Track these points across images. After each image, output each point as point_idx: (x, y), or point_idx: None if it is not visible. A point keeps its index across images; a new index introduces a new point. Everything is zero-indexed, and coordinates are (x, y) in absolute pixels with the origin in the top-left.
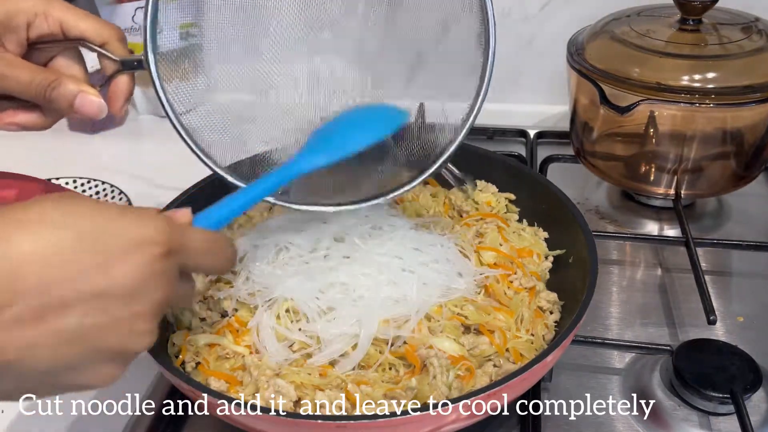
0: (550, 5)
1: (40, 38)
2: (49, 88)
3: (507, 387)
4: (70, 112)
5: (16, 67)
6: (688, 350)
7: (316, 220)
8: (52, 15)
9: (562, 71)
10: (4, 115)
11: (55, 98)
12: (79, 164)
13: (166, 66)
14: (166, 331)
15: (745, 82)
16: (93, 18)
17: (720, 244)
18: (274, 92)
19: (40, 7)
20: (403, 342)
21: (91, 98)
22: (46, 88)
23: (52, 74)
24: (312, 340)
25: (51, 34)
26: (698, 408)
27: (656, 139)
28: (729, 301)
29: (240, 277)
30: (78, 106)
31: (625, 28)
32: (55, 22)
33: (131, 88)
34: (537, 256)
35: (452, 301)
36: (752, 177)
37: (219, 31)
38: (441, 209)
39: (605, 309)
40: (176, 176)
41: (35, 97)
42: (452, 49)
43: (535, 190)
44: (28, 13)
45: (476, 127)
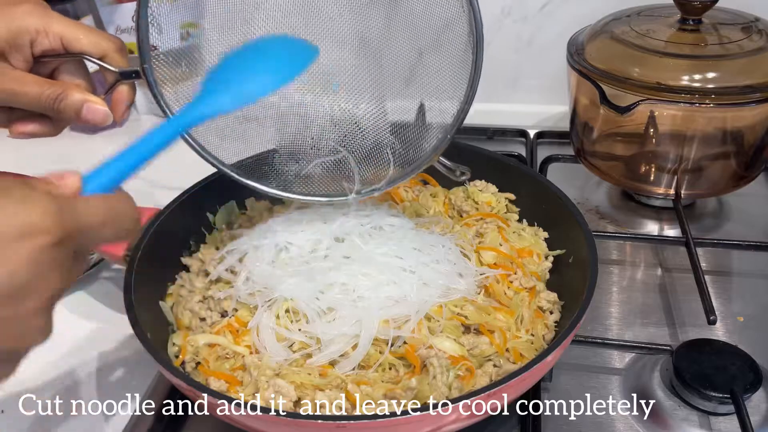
0: (550, 5)
1: (43, 53)
2: (57, 101)
3: (507, 387)
4: (78, 120)
5: (25, 84)
6: (688, 350)
7: (316, 220)
8: (52, 31)
9: (562, 71)
10: (16, 125)
11: (63, 109)
12: (79, 164)
13: (166, 69)
14: (166, 331)
15: (745, 82)
16: (92, 32)
17: (720, 244)
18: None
19: (41, 24)
20: (403, 342)
21: (96, 107)
22: (54, 101)
23: (59, 87)
24: (312, 341)
25: (53, 49)
26: (698, 408)
27: (656, 139)
28: (729, 301)
29: (240, 277)
30: (84, 116)
31: (625, 28)
32: (55, 37)
33: (132, 96)
34: (537, 256)
35: (452, 301)
36: (752, 177)
37: (218, 33)
38: (441, 209)
39: (605, 309)
40: (176, 176)
41: (44, 109)
42: (444, 48)
43: (535, 190)
44: (30, 31)
45: (476, 127)
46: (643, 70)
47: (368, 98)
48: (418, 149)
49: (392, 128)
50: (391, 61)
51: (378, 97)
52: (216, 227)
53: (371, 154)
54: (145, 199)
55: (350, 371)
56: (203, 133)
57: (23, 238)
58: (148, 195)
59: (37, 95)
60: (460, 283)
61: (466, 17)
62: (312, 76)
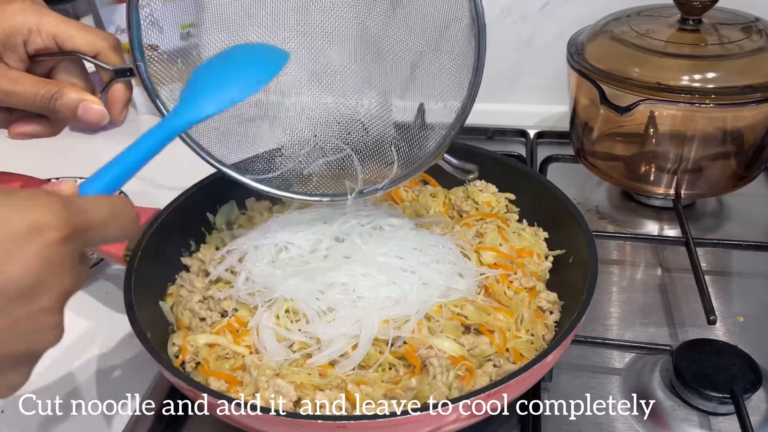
0: (550, 5)
1: (37, 52)
2: (53, 100)
3: (507, 387)
4: (75, 120)
5: (20, 84)
6: (688, 350)
7: (316, 220)
8: (44, 29)
9: (562, 71)
10: (14, 126)
11: (59, 108)
12: (79, 164)
13: (160, 67)
14: (166, 331)
15: (745, 82)
16: (86, 29)
17: (720, 244)
18: (274, 91)
19: (33, 22)
20: (403, 342)
21: (93, 106)
22: (49, 100)
23: (54, 86)
24: (312, 341)
25: (46, 48)
26: (698, 408)
27: (656, 139)
28: (729, 301)
29: (240, 277)
30: (81, 115)
31: (625, 28)
32: (48, 36)
33: (128, 95)
34: (537, 256)
35: (452, 301)
36: (752, 177)
37: (214, 34)
38: (441, 209)
39: (605, 309)
40: (176, 176)
41: (40, 109)
42: (446, 48)
43: (535, 190)
44: (22, 30)
45: (476, 127)
46: (643, 70)
47: (370, 96)
48: (422, 148)
49: (396, 126)
50: (393, 57)
51: (381, 95)
52: (216, 227)
53: (374, 153)
54: (145, 199)
55: (350, 371)
56: (203, 134)
57: (32, 236)
58: (148, 195)
59: (33, 95)
60: (460, 283)
61: (468, 11)
62: (311, 75)
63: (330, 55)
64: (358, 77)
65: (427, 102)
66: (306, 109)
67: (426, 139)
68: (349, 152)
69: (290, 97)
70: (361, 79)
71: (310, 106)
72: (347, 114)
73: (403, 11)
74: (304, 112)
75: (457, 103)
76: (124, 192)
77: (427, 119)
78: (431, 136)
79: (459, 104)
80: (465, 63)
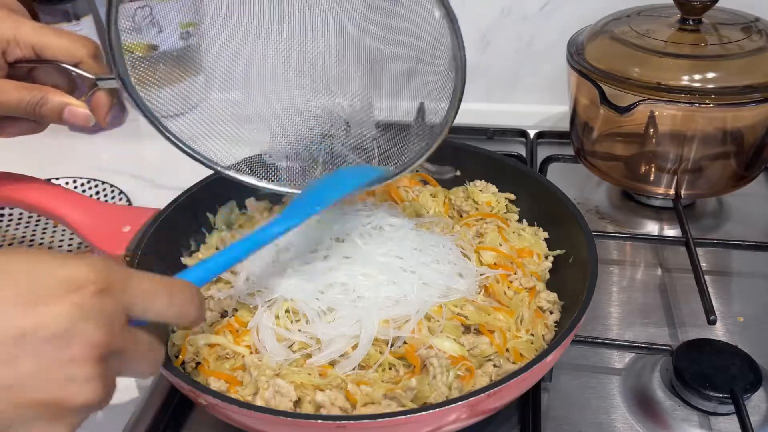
0: (550, 5)
1: (17, 61)
2: (37, 106)
3: (507, 387)
4: (61, 123)
5: (4, 91)
6: (688, 350)
7: (316, 220)
8: (22, 40)
9: (562, 71)
10: (1, 129)
11: (44, 114)
12: (79, 164)
13: (145, 73)
14: (166, 331)
15: (745, 82)
16: (65, 37)
17: (720, 244)
18: (263, 92)
19: (10, 33)
20: (403, 342)
21: (77, 110)
22: (34, 107)
23: (38, 92)
24: (312, 341)
25: (25, 57)
26: (698, 408)
27: (656, 139)
28: (729, 301)
29: (240, 277)
30: (66, 119)
31: (625, 28)
32: (26, 46)
33: (111, 101)
34: (537, 256)
35: (452, 301)
36: (752, 177)
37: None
38: (441, 209)
39: (605, 309)
40: (176, 176)
41: (26, 114)
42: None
43: (535, 190)
44: (0, 42)
45: (476, 127)
46: (643, 70)
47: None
48: (406, 151)
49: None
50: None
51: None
52: (216, 227)
53: (374, 152)
54: (145, 199)
55: (350, 371)
56: (202, 135)
57: (69, 285)
58: (148, 195)
59: (17, 102)
60: (460, 283)
61: (449, 42)
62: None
63: (328, 65)
64: (350, 78)
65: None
66: (297, 110)
67: (409, 144)
68: (348, 152)
69: (282, 96)
70: (353, 80)
71: (308, 105)
72: (344, 112)
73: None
74: (295, 113)
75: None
76: (126, 193)
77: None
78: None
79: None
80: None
